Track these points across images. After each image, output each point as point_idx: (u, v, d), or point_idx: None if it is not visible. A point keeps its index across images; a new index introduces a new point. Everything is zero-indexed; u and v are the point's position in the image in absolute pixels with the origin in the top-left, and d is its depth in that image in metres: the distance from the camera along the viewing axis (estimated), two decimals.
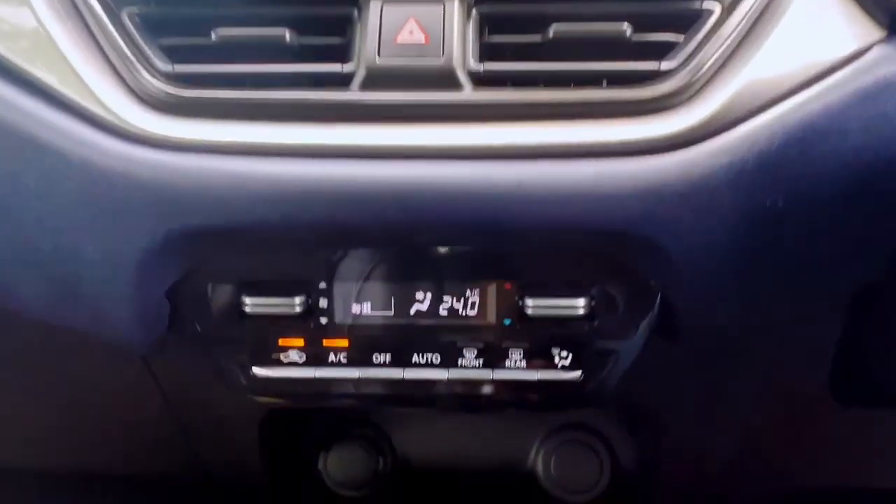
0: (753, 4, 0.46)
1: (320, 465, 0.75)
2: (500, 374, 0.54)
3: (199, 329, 0.55)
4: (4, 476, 1.13)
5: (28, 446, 0.88)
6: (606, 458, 0.72)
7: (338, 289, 0.53)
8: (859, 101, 0.45)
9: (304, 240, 0.52)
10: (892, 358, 0.57)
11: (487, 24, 0.48)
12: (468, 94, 0.45)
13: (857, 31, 0.46)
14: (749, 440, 0.73)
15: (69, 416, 0.81)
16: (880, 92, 0.44)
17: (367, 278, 0.54)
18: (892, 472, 0.82)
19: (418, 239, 0.51)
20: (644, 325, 0.53)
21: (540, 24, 0.46)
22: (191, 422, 0.72)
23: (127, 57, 0.46)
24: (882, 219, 0.49)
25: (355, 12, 0.46)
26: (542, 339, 0.53)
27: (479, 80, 0.46)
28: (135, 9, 0.47)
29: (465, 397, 0.56)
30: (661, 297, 0.52)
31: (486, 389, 0.55)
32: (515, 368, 0.54)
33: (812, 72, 0.45)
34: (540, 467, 0.73)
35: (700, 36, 0.45)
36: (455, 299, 0.53)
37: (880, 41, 0.45)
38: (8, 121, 0.47)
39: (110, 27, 0.47)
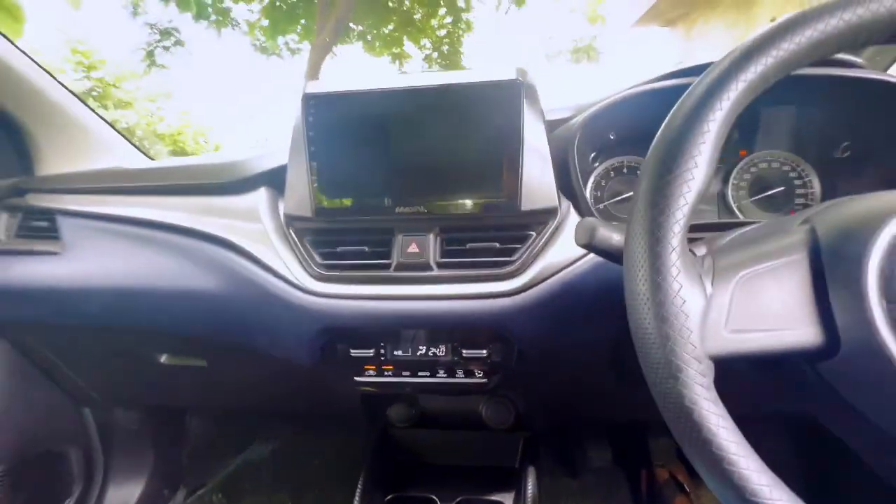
0: (547, 234, 0.70)
1: (387, 412, 0.97)
2: (453, 380, 0.76)
3: (332, 361, 0.77)
4: (231, 414, 1.47)
5: (248, 399, 1.16)
6: (512, 407, 0.93)
7: (387, 345, 0.76)
8: (592, 269, 0.66)
9: (373, 328, 0.76)
10: (631, 365, 0.68)
11: (445, 244, 0.71)
12: (436, 272, 0.70)
13: None
14: (569, 398, 0.95)
15: (271, 387, 1.07)
16: (603, 264, 0.65)
17: (398, 341, 0.76)
18: (636, 413, 0.97)
19: (418, 327, 0.75)
20: (512, 358, 0.74)
21: (463, 243, 0.72)
22: (328, 394, 0.95)
23: (304, 256, 0.73)
24: (606, 312, 0.65)
25: (392, 239, 0.73)
26: (469, 366, 0.74)
27: (440, 266, 0.70)
28: (308, 237, 0.75)
29: (440, 389, 0.77)
30: (517, 348, 0.73)
31: (448, 387, 0.77)
32: (459, 378, 0.76)
33: (571, 259, 0.67)
34: (483, 412, 0.95)
35: (527, 245, 0.69)
36: (435, 349, 0.76)
37: None
38: (251, 279, 0.74)
39: (298, 244, 0.74)
